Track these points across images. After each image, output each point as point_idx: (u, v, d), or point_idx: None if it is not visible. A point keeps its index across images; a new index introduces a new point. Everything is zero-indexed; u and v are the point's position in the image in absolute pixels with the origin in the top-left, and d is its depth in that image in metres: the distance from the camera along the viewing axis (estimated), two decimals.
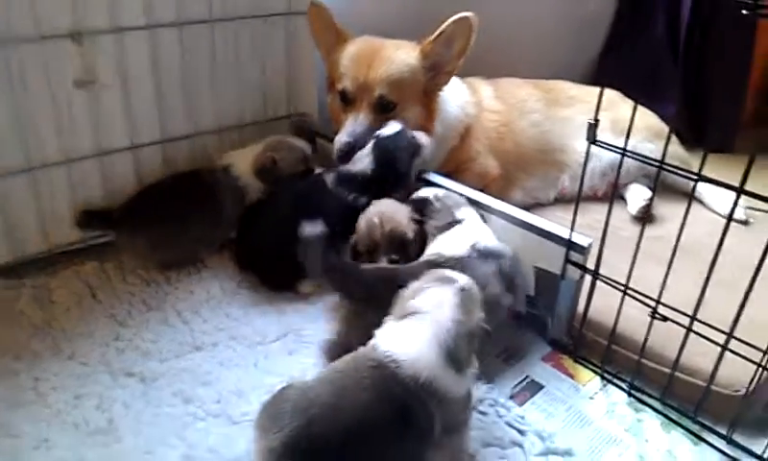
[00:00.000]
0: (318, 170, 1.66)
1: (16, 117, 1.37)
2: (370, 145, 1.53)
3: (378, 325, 1.04)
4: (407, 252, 1.36)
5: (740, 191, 1.02)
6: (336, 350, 1.18)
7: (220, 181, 1.58)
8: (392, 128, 1.55)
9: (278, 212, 1.50)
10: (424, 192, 1.45)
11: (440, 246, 1.32)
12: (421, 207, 1.42)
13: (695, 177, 1.09)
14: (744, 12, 0.95)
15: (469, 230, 1.35)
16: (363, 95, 1.63)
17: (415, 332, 0.99)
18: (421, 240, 1.39)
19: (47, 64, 1.37)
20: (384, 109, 1.62)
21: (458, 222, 1.36)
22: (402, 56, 1.64)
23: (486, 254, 1.26)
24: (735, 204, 1.05)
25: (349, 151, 1.58)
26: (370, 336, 1.03)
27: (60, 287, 1.45)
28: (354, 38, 1.71)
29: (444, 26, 1.61)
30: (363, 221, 1.39)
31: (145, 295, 1.45)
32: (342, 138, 1.61)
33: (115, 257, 1.56)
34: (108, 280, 1.49)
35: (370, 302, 1.17)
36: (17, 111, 1.37)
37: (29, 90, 1.38)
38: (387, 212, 1.39)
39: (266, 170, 1.59)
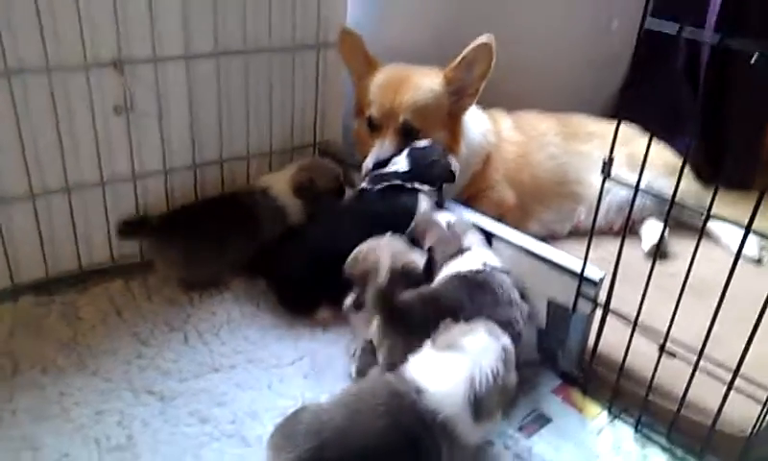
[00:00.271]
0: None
1: (58, 139, 1.44)
2: (405, 151, 1.61)
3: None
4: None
5: (749, 229, 1.04)
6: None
7: (258, 203, 1.65)
8: (423, 142, 1.64)
9: (311, 237, 1.56)
10: (437, 217, 1.49)
11: (455, 266, 1.37)
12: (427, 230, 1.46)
13: (705, 214, 1.11)
14: (753, 60, 0.97)
15: (477, 254, 1.41)
16: (389, 121, 1.69)
17: (452, 368, 1.02)
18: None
19: (90, 91, 1.44)
20: (408, 135, 1.68)
21: (467, 249, 1.41)
22: (427, 83, 1.70)
23: (497, 270, 1.34)
24: (743, 241, 1.06)
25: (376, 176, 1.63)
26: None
27: (87, 305, 1.50)
28: (383, 66, 1.78)
29: (465, 52, 1.67)
30: (358, 254, 1.39)
31: (168, 315, 1.50)
32: (369, 163, 1.68)
33: (141, 277, 1.62)
34: (134, 299, 1.55)
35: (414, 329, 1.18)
36: (59, 134, 1.44)
37: (71, 115, 1.45)
38: (370, 250, 1.38)
39: (304, 188, 1.65)
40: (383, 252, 1.34)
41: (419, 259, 1.39)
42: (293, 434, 0.98)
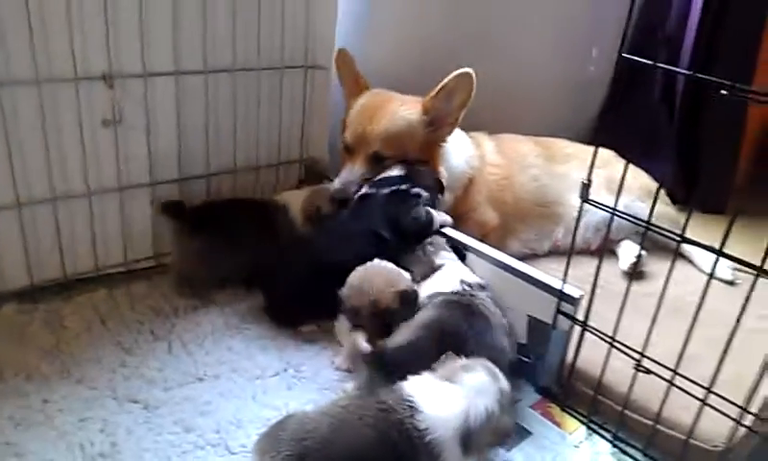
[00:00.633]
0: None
1: (45, 150, 1.45)
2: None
3: None
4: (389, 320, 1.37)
5: (719, 253, 1.09)
6: None
7: (279, 216, 1.71)
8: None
9: (312, 249, 1.59)
10: None
11: (433, 286, 1.43)
12: None
13: (678, 238, 1.15)
14: (723, 92, 1.02)
15: (452, 270, 1.47)
16: (360, 147, 1.74)
17: (448, 397, 1.04)
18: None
19: (79, 103, 1.46)
20: (378, 161, 1.73)
21: (440, 268, 1.49)
22: (402, 112, 1.74)
23: (475, 287, 1.40)
24: (715, 265, 1.11)
25: (344, 198, 1.70)
26: None
27: (71, 313, 1.51)
28: (371, 88, 1.83)
29: (445, 81, 1.70)
30: (353, 280, 1.40)
31: (152, 325, 1.51)
32: (336, 185, 1.73)
33: (125, 286, 1.63)
34: (118, 308, 1.55)
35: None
36: (47, 145, 1.45)
37: (60, 126, 1.46)
38: (375, 279, 1.40)
39: (312, 217, 1.71)
40: (376, 282, 1.37)
41: (409, 281, 1.42)
42: (277, 440, 0.99)
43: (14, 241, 1.48)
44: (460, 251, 1.58)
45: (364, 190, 1.67)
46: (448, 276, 1.47)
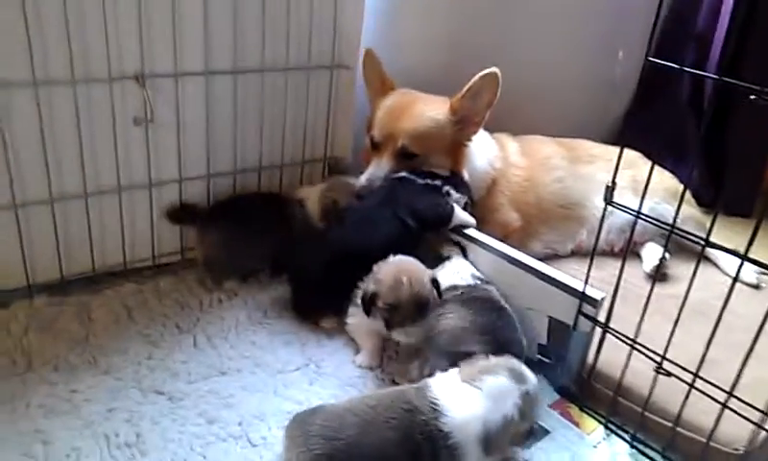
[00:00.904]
0: None
1: (79, 147, 1.49)
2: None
3: None
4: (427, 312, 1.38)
5: (744, 257, 1.08)
6: None
7: (295, 211, 1.74)
8: None
9: (334, 239, 1.60)
10: None
11: (449, 278, 1.45)
12: None
13: (702, 242, 1.14)
14: (752, 96, 1.01)
15: (460, 263, 1.51)
16: (388, 143, 1.75)
17: (472, 402, 1.06)
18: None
19: (112, 102, 1.50)
20: (406, 158, 1.73)
21: (448, 258, 1.53)
22: (430, 112, 1.75)
23: (483, 281, 1.47)
24: (740, 269, 1.10)
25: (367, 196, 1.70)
26: None
27: (100, 306, 1.54)
28: (397, 89, 1.84)
29: (471, 82, 1.71)
30: (386, 275, 1.38)
31: (178, 318, 1.54)
32: (362, 180, 1.74)
33: (153, 281, 1.67)
34: (145, 302, 1.59)
35: None
36: (80, 142, 1.49)
37: (93, 124, 1.50)
38: (412, 271, 1.39)
39: (328, 211, 1.71)
40: (415, 274, 1.37)
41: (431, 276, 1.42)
42: (307, 435, 1.03)
43: (46, 235, 1.53)
44: (462, 246, 1.61)
45: (403, 173, 1.70)
46: (458, 268, 1.49)
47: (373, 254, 1.44)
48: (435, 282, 1.40)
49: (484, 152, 1.90)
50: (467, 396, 1.07)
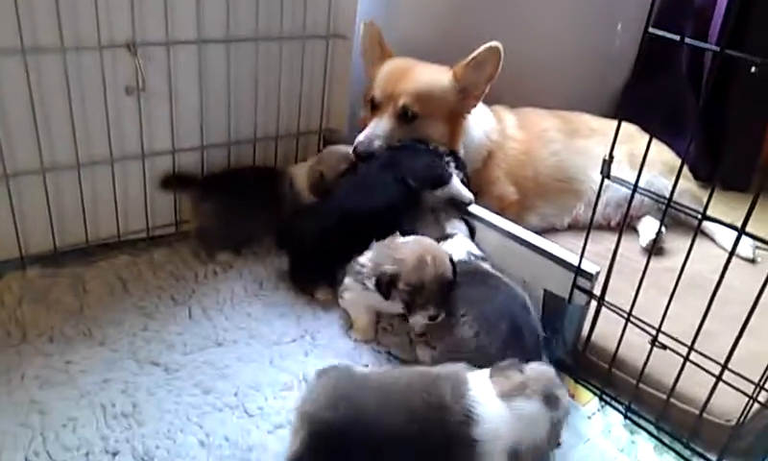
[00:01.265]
0: None
1: (70, 117, 1.47)
2: None
3: None
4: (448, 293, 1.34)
5: (741, 231, 1.07)
6: None
7: (285, 189, 1.73)
8: None
9: (331, 217, 1.56)
10: None
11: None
12: None
13: (699, 216, 1.14)
14: (753, 68, 1.00)
15: (461, 240, 1.50)
16: (389, 103, 1.73)
17: (506, 421, 1.03)
18: None
19: (103, 71, 1.47)
20: (405, 119, 1.71)
21: (451, 236, 1.51)
22: (433, 74, 1.75)
23: (479, 258, 1.47)
24: (736, 243, 1.10)
25: (367, 151, 1.68)
26: None
27: (94, 278, 1.54)
28: (397, 57, 1.83)
29: (475, 53, 1.70)
30: (409, 255, 1.32)
31: (173, 290, 1.53)
32: (361, 137, 1.71)
33: (147, 253, 1.66)
34: (140, 275, 1.58)
35: None
36: (71, 112, 1.47)
37: (84, 93, 1.47)
38: (434, 251, 1.34)
39: (316, 184, 1.69)
40: (438, 255, 1.32)
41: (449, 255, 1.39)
42: (332, 396, 1.04)
43: (39, 206, 1.51)
44: (471, 227, 1.59)
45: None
46: (457, 245, 1.49)
47: (375, 219, 1.44)
48: (453, 262, 1.36)
49: (481, 124, 1.89)
50: (501, 412, 1.04)
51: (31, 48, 1.37)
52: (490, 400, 1.05)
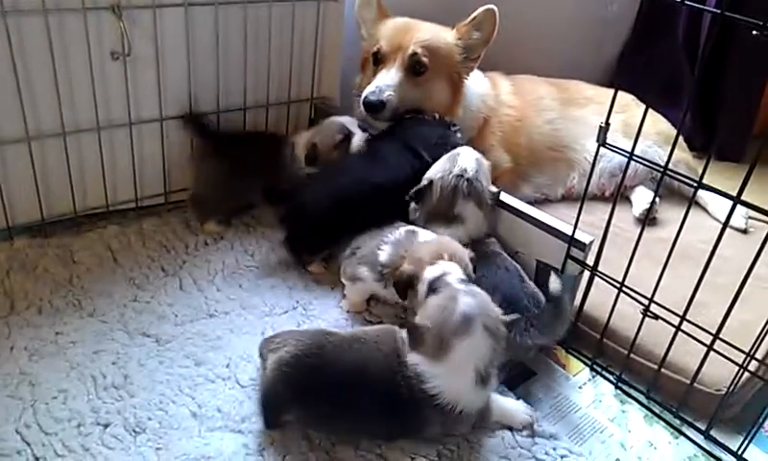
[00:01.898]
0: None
1: (54, 83, 1.43)
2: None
3: None
4: None
5: (737, 200, 1.06)
6: None
7: (287, 155, 1.69)
8: None
9: (343, 189, 1.52)
10: None
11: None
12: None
13: (695, 184, 1.13)
14: (754, 32, 0.98)
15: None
16: (397, 54, 1.69)
17: (455, 374, 1.04)
18: None
19: (87, 35, 1.43)
20: (415, 70, 1.68)
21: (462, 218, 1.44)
22: (440, 30, 1.74)
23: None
24: (731, 212, 1.09)
25: (379, 101, 1.63)
26: None
27: (82, 248, 1.52)
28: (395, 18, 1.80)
29: (475, 13, 1.70)
30: (427, 256, 1.25)
31: (163, 261, 1.52)
32: (369, 88, 1.66)
33: (137, 223, 1.64)
34: (129, 245, 1.56)
35: None
36: (55, 77, 1.43)
37: (68, 58, 1.44)
38: (454, 251, 1.27)
39: (308, 155, 1.64)
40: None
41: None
42: (299, 333, 1.11)
43: (25, 175, 1.48)
44: None
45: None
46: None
47: (387, 193, 1.43)
48: (473, 260, 1.29)
49: (478, 90, 1.87)
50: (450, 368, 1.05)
51: (11, 10, 1.33)
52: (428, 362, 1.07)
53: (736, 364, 1.14)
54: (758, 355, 1.15)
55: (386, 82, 1.66)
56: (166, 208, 1.72)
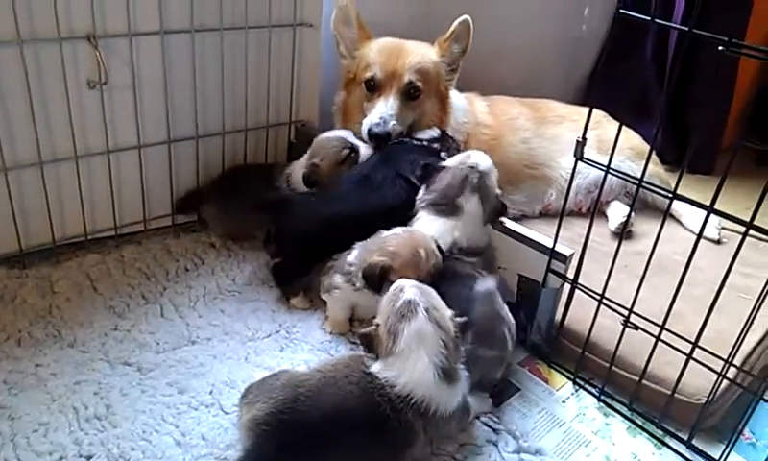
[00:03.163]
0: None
1: (30, 113, 1.43)
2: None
3: None
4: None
5: (710, 210, 1.09)
6: None
7: (282, 185, 1.70)
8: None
9: (336, 216, 1.50)
10: None
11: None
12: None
13: (670, 195, 1.16)
14: (720, 48, 1.02)
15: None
16: (392, 81, 1.72)
17: (411, 363, 1.06)
18: None
19: (63, 64, 1.43)
20: (410, 96, 1.72)
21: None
22: (426, 50, 1.77)
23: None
24: (705, 221, 1.12)
25: (384, 132, 1.66)
26: None
27: (62, 278, 1.50)
28: (376, 38, 1.82)
29: (452, 26, 1.75)
30: (401, 248, 1.29)
31: (144, 288, 1.51)
32: (373, 119, 1.68)
33: (116, 251, 1.63)
34: (109, 273, 1.55)
35: None
36: (32, 107, 1.42)
37: (44, 88, 1.43)
38: (425, 242, 1.31)
39: (310, 178, 1.60)
40: (424, 253, 1.29)
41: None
42: (269, 389, 1.05)
43: (2, 205, 1.47)
44: None
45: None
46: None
47: (379, 218, 1.42)
48: (440, 249, 1.33)
49: (461, 106, 1.91)
50: (405, 362, 1.07)
51: None
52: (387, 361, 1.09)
53: (715, 372, 1.16)
54: (736, 362, 1.17)
55: (388, 112, 1.69)
56: (146, 236, 1.71)
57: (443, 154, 1.62)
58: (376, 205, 1.50)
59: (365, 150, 1.66)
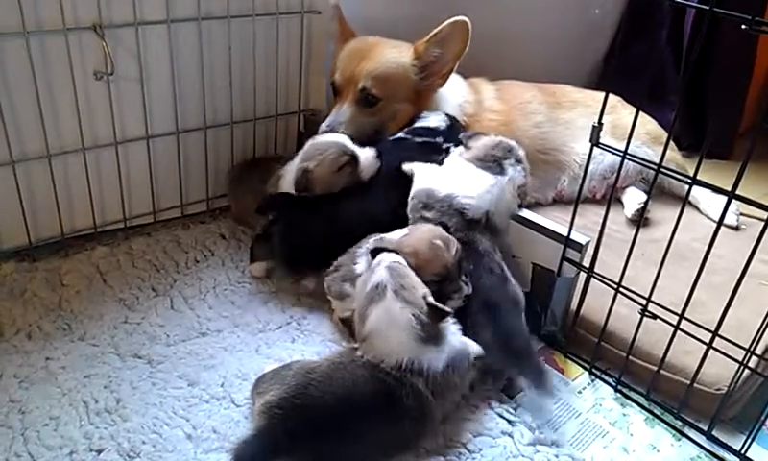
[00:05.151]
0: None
1: (37, 105, 1.41)
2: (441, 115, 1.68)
3: None
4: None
5: (732, 195, 1.06)
6: None
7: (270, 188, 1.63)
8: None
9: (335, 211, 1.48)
10: None
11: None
12: None
13: (690, 181, 1.12)
14: (743, 26, 0.98)
15: None
16: (349, 87, 1.69)
17: (386, 340, 1.07)
18: None
19: (69, 55, 1.41)
20: (367, 103, 1.68)
21: None
22: (393, 54, 1.70)
23: None
24: (726, 208, 1.09)
25: None
26: None
27: (71, 271, 1.50)
28: (358, 37, 1.79)
29: (439, 28, 1.66)
30: (419, 247, 1.22)
31: (153, 281, 1.50)
32: (323, 127, 1.68)
33: (126, 243, 1.62)
34: (118, 266, 1.54)
35: None
36: (38, 99, 1.41)
37: (51, 79, 1.42)
38: (440, 234, 1.25)
39: (302, 185, 1.46)
40: (443, 245, 1.23)
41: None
42: (281, 377, 1.06)
43: (10, 199, 1.46)
44: None
45: (400, 135, 1.63)
46: None
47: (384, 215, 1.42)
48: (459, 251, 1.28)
49: (455, 98, 1.85)
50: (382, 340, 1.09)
51: None
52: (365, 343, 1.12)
53: (736, 361, 1.13)
54: (758, 351, 1.14)
55: (338, 119, 1.67)
56: (155, 227, 1.70)
57: (447, 146, 1.58)
58: (391, 206, 1.46)
59: (366, 158, 1.51)
